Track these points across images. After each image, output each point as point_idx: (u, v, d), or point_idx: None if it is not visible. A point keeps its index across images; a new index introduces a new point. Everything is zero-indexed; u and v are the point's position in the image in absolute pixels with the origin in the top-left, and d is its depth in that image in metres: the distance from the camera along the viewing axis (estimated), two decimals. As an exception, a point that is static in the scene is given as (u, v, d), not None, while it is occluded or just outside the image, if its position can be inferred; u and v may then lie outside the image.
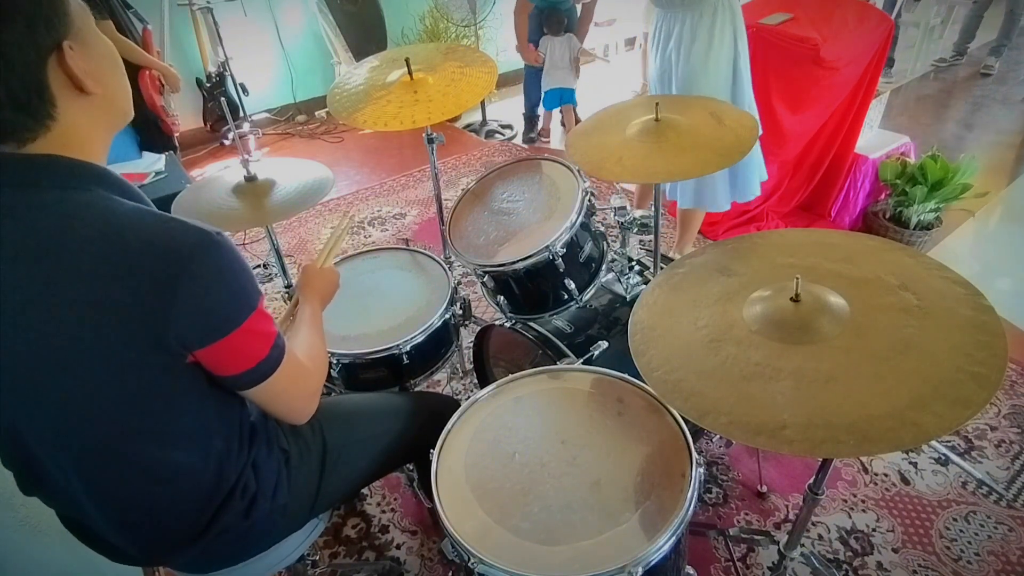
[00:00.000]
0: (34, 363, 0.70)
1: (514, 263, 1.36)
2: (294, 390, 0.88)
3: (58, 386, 0.72)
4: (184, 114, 3.62)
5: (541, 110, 3.99)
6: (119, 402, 0.74)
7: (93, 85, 0.72)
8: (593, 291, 1.49)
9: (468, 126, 4.23)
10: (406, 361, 1.41)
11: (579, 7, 3.57)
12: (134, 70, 2.76)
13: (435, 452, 1.02)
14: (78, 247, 0.68)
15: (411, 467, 1.47)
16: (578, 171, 1.45)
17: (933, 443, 1.78)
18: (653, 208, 1.49)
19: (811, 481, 1.10)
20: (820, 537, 1.58)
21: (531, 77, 3.80)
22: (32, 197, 0.69)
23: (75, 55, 0.70)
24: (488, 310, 2.32)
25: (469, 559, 0.87)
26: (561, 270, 1.38)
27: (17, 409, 0.73)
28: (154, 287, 0.69)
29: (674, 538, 0.88)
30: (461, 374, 2.04)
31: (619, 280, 1.59)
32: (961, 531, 1.57)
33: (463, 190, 1.62)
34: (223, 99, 3.70)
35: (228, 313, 0.75)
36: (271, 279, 2.70)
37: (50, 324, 0.69)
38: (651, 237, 1.57)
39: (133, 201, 0.75)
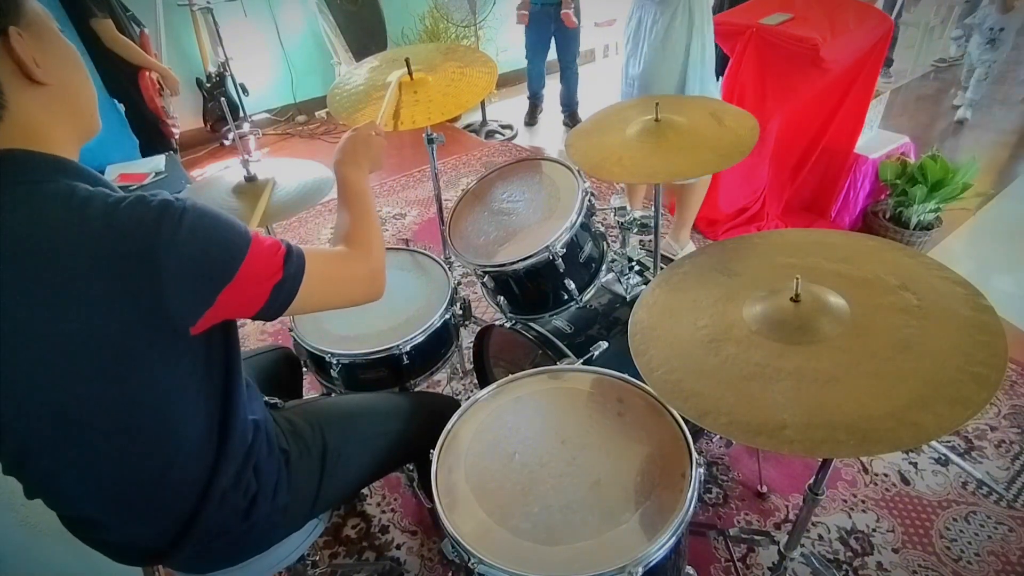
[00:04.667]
0: (27, 367, 0.70)
1: (514, 263, 1.36)
2: (338, 284, 0.87)
3: (55, 389, 0.71)
4: (184, 114, 3.62)
5: (545, 92, 4.24)
6: (115, 398, 0.74)
7: (43, 75, 0.71)
8: (593, 291, 1.49)
9: (468, 126, 4.23)
10: (406, 361, 1.41)
11: None
12: (135, 71, 2.76)
13: (435, 452, 1.02)
14: (50, 241, 0.67)
15: (411, 467, 1.47)
16: (578, 171, 1.45)
17: (933, 443, 1.78)
18: (653, 208, 1.49)
19: (811, 481, 1.10)
20: (820, 537, 1.58)
21: (533, 62, 4.02)
22: None
23: (23, 42, 0.68)
24: (488, 310, 2.32)
25: (469, 559, 0.87)
26: (561, 270, 1.38)
27: (18, 413, 0.73)
28: (132, 268, 0.67)
29: (674, 538, 0.87)
30: (461, 374, 2.04)
31: (619, 280, 1.59)
32: (961, 531, 1.57)
33: (463, 190, 1.62)
34: (223, 99, 3.71)
35: (218, 266, 0.72)
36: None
37: (37, 325, 0.68)
38: (651, 237, 1.57)
39: (98, 185, 0.73)
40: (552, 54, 4.00)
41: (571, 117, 4.21)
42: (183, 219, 0.69)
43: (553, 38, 3.87)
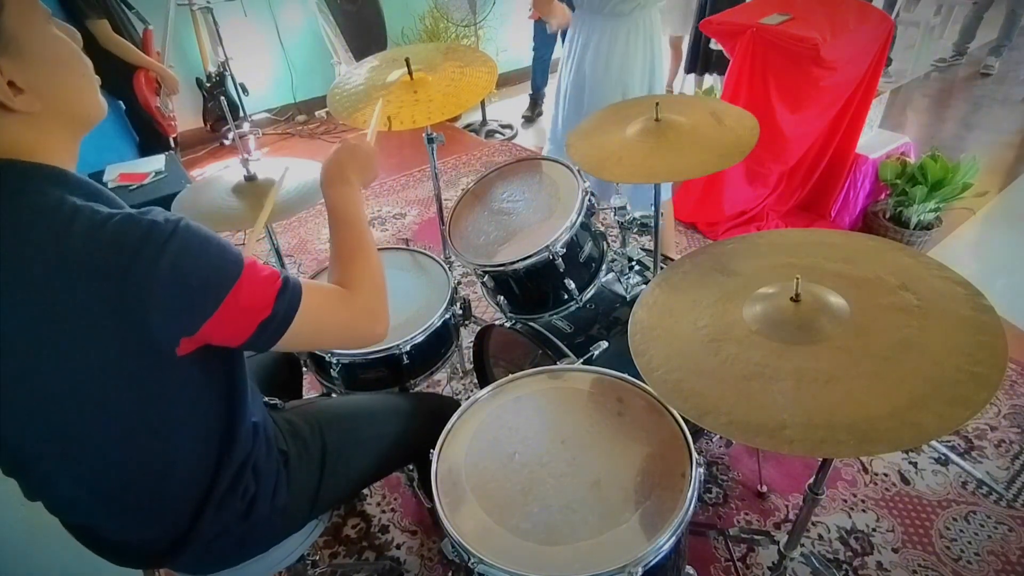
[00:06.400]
0: (15, 381, 0.69)
1: (514, 263, 1.36)
2: (332, 327, 0.83)
3: (47, 400, 0.70)
4: (184, 114, 3.63)
5: (547, 91, 4.31)
6: (110, 412, 0.73)
7: (28, 103, 0.67)
8: (593, 291, 1.49)
9: (468, 126, 4.23)
10: (406, 361, 1.41)
11: None
12: (130, 71, 2.76)
13: (435, 452, 1.02)
14: (31, 257, 0.64)
15: (411, 467, 1.47)
16: (578, 171, 1.45)
17: (933, 443, 1.78)
18: (653, 208, 1.49)
19: (811, 481, 1.10)
20: (820, 537, 1.58)
21: (538, 61, 4.14)
22: None
23: (1, 76, 0.64)
24: (488, 310, 2.32)
25: (469, 559, 0.87)
26: (561, 270, 1.38)
27: (11, 423, 0.72)
28: (112, 289, 0.65)
29: (674, 538, 0.87)
30: (461, 374, 2.04)
31: (619, 280, 1.59)
32: (961, 531, 1.57)
33: (463, 190, 1.62)
34: (223, 99, 3.70)
35: (199, 296, 0.69)
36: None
37: (25, 341, 0.66)
38: (651, 237, 1.57)
39: (93, 200, 0.69)
40: (557, 51, 4.04)
41: None
42: (168, 243, 0.66)
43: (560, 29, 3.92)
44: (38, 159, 0.69)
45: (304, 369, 1.49)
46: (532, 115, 4.37)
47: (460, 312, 1.57)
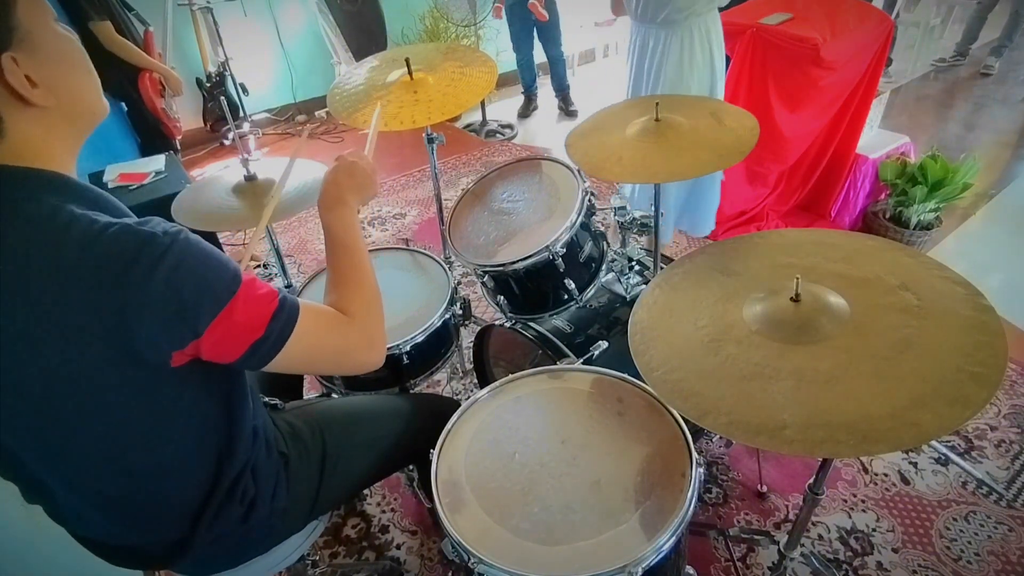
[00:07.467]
0: (15, 388, 0.68)
1: (514, 263, 1.36)
2: (327, 353, 0.82)
3: (41, 411, 0.70)
4: (184, 114, 3.62)
5: (539, 87, 4.38)
6: (105, 422, 0.72)
7: (43, 96, 0.67)
8: (593, 291, 1.49)
9: (468, 126, 4.23)
10: (406, 361, 1.41)
11: None
12: (135, 72, 2.75)
13: (435, 452, 1.02)
14: (24, 269, 0.64)
15: (411, 467, 1.47)
16: (578, 171, 1.45)
17: (933, 443, 1.78)
18: (653, 208, 1.49)
19: (811, 481, 1.10)
20: (820, 537, 1.58)
21: (521, 62, 4.17)
22: None
23: (19, 68, 0.64)
24: (488, 310, 2.32)
25: (469, 559, 0.87)
26: (561, 270, 1.38)
27: (7, 430, 0.72)
28: (104, 302, 0.64)
29: (674, 538, 0.87)
30: (461, 374, 2.04)
31: (619, 280, 1.59)
32: (961, 531, 1.57)
33: (463, 190, 1.62)
34: (223, 99, 3.70)
35: (191, 314, 0.68)
36: (271, 279, 2.69)
37: (17, 355, 0.66)
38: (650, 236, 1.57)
39: (93, 207, 0.69)
40: (541, 51, 4.07)
41: (564, 100, 4.31)
42: (164, 257, 0.65)
43: (535, 29, 3.92)
44: (41, 163, 0.69)
45: (304, 369, 1.49)
46: (527, 112, 4.38)
47: (460, 312, 1.57)
